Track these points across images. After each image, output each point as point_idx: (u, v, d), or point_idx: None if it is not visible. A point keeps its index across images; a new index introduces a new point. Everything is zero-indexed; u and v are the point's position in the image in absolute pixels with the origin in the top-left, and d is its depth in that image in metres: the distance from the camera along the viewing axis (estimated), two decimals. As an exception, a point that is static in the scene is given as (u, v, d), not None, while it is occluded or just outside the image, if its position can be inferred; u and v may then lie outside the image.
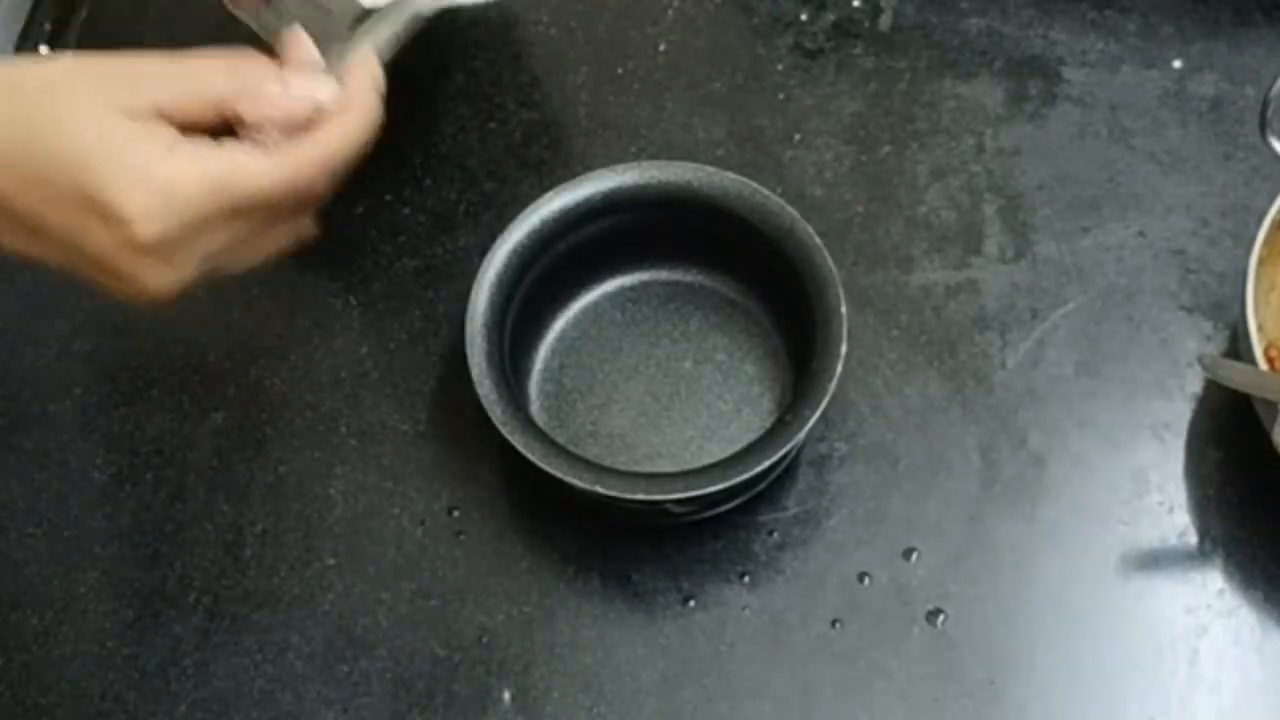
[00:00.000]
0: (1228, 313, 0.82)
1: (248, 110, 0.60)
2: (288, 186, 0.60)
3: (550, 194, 0.78)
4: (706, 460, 0.76)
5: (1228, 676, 0.74)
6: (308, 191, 0.62)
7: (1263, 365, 0.71)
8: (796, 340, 0.79)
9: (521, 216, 0.78)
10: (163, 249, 0.57)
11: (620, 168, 0.79)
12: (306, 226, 0.65)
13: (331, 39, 0.67)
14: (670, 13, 0.94)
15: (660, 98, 0.91)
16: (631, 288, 0.83)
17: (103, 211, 0.55)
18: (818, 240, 0.76)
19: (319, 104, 0.62)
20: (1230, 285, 0.82)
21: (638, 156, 0.88)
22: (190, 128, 0.59)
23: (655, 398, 0.80)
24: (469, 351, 0.75)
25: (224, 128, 0.61)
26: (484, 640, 0.77)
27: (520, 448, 0.72)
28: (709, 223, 0.79)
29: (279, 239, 0.64)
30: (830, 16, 0.93)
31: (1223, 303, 0.83)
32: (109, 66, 0.59)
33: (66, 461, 0.83)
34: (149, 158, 0.56)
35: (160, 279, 0.58)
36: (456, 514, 0.80)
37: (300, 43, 0.63)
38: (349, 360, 0.84)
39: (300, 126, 0.61)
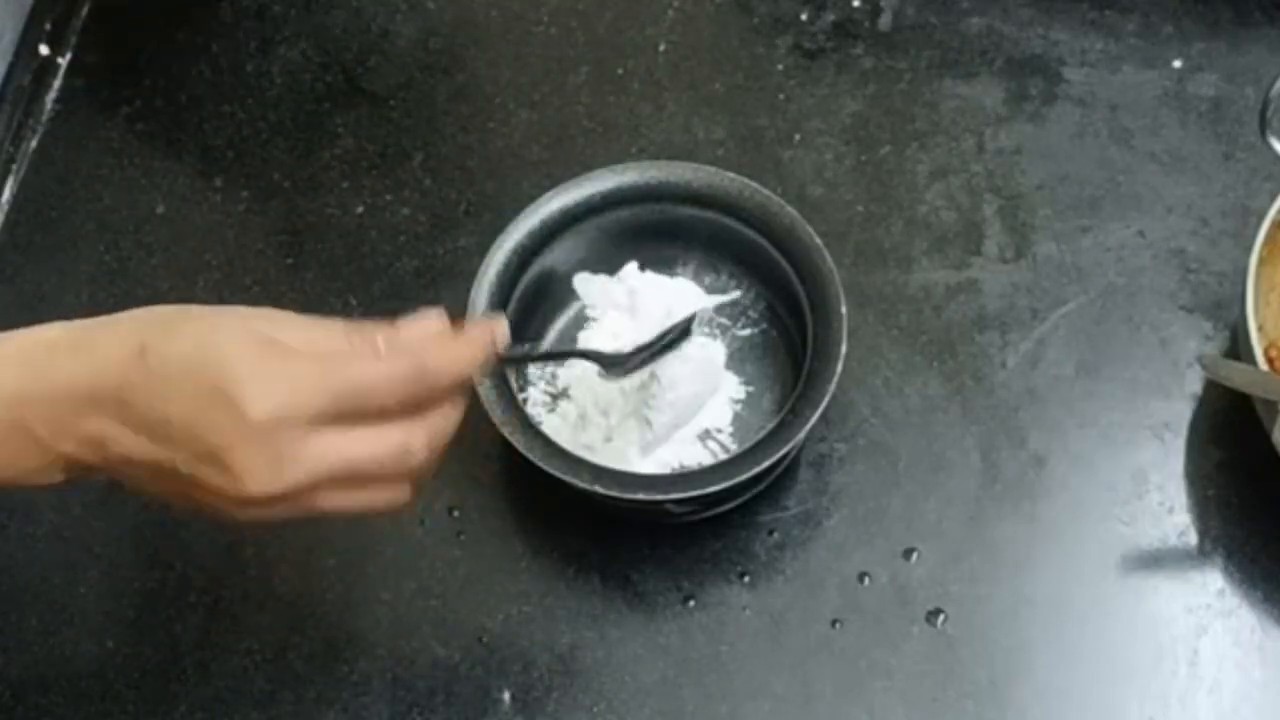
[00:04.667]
0: (1228, 313, 0.82)
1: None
2: (397, 384, 0.60)
3: (550, 194, 0.78)
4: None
5: (1228, 676, 0.74)
6: (413, 441, 0.61)
7: (1263, 365, 0.71)
8: (796, 340, 0.79)
9: (521, 216, 0.78)
10: (273, 432, 0.57)
11: (620, 168, 0.79)
12: (405, 492, 0.62)
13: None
14: (670, 13, 0.94)
15: (660, 98, 0.91)
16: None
17: (224, 396, 0.56)
18: (818, 240, 0.76)
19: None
20: (1230, 285, 0.82)
21: (638, 156, 0.88)
22: None
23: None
24: (469, 351, 0.74)
25: None
26: (484, 640, 0.77)
27: (520, 448, 0.72)
28: (709, 223, 0.79)
29: (380, 493, 0.62)
30: (830, 16, 0.93)
31: (1223, 303, 0.82)
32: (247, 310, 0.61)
33: (66, 461, 0.83)
34: (273, 355, 0.58)
35: (265, 472, 0.57)
36: (456, 514, 0.80)
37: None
38: (349, 360, 0.84)
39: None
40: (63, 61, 0.95)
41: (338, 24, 0.95)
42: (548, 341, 0.82)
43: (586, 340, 0.81)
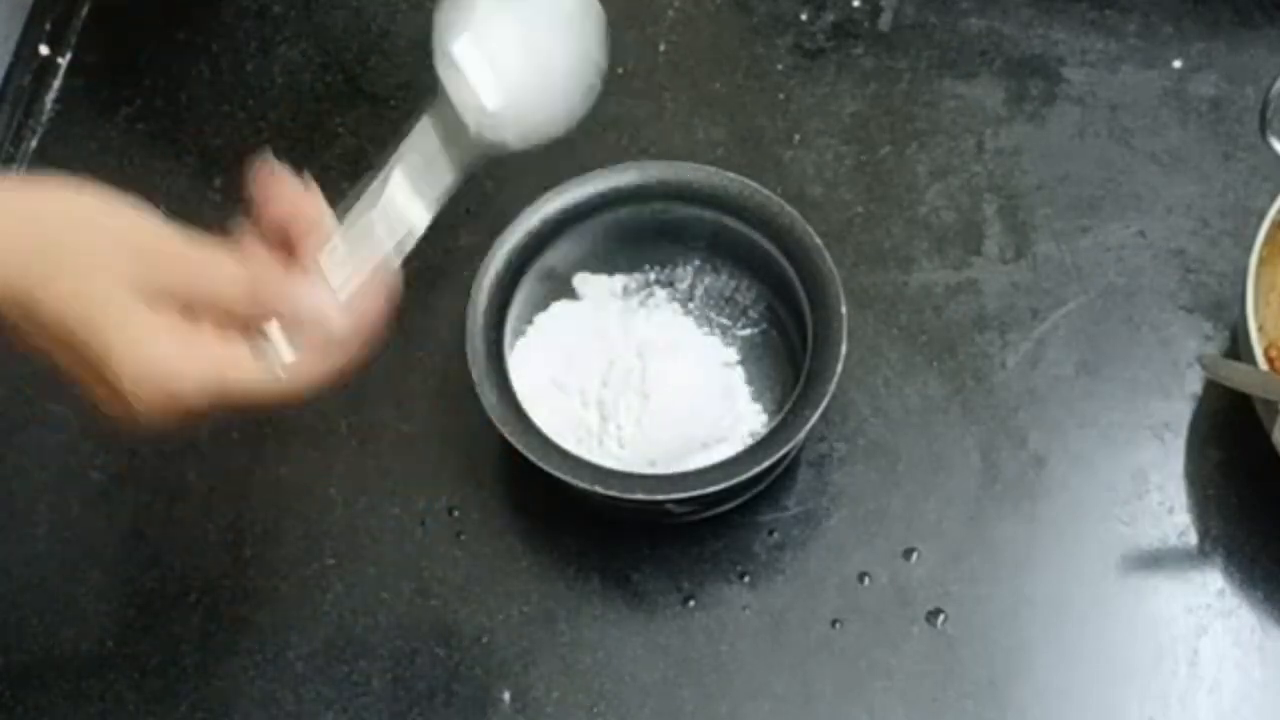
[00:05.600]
0: (1228, 313, 0.82)
1: (258, 321, 0.61)
2: (279, 391, 0.61)
3: (550, 194, 0.78)
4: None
5: (1228, 676, 0.74)
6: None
7: (1263, 365, 0.71)
8: (796, 340, 0.79)
9: (521, 216, 0.78)
10: (154, 413, 0.59)
11: (620, 168, 0.79)
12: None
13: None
14: (670, 13, 0.94)
15: (660, 98, 0.91)
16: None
17: (103, 373, 0.59)
18: (818, 240, 0.76)
19: (328, 330, 0.62)
20: (1230, 285, 0.82)
21: (638, 156, 0.88)
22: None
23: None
24: (469, 351, 0.75)
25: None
26: (484, 640, 0.77)
27: (520, 448, 0.72)
28: (709, 223, 0.79)
29: None
30: (830, 16, 0.93)
31: (1223, 303, 0.83)
32: (132, 237, 0.61)
33: (66, 461, 0.83)
34: (153, 342, 0.59)
35: (155, 424, 0.60)
36: (456, 514, 0.80)
37: (327, 263, 0.65)
38: (349, 360, 0.84)
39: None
40: (63, 61, 0.95)
41: (338, 24, 0.95)
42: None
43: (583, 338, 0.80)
